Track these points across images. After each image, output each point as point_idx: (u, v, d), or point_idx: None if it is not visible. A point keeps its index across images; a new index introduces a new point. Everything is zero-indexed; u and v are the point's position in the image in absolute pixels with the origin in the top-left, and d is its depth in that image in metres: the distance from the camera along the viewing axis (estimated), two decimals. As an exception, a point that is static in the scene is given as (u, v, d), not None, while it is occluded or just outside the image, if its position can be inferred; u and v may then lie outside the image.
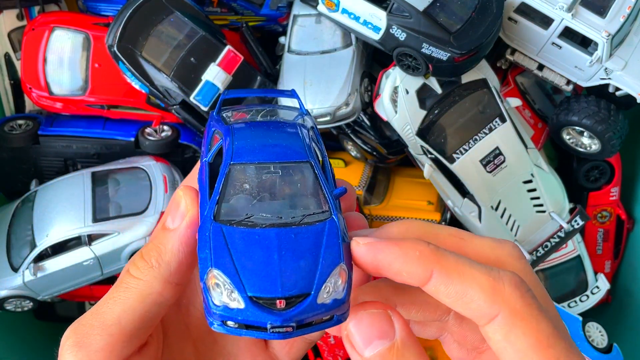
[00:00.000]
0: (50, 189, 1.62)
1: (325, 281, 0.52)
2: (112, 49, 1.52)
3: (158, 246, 0.58)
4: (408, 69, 1.50)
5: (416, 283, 0.51)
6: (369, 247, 0.53)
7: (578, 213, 1.64)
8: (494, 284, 0.49)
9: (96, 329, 0.56)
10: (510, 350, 0.49)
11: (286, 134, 0.61)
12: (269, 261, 0.52)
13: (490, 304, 0.49)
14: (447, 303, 0.51)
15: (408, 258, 0.51)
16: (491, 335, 0.50)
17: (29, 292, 1.58)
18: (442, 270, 0.50)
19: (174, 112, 1.61)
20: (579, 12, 1.45)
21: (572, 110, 1.60)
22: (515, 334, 0.48)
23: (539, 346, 0.48)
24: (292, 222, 0.55)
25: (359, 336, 0.49)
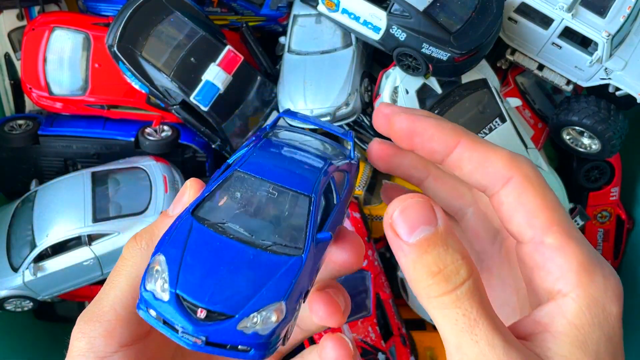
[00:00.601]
0: (50, 189, 1.62)
1: (255, 312, 0.49)
2: (112, 49, 1.52)
3: (152, 229, 0.59)
4: (408, 69, 1.50)
5: (444, 149, 0.59)
6: (409, 116, 0.61)
7: (578, 213, 1.64)
8: (511, 155, 0.57)
9: (95, 316, 0.58)
10: (521, 210, 0.55)
11: (308, 165, 0.59)
12: (214, 270, 0.51)
13: (507, 168, 0.56)
14: (468, 170, 0.59)
15: (441, 127, 0.59)
16: (504, 199, 0.57)
17: (29, 292, 1.58)
18: (469, 139, 0.59)
19: (174, 112, 1.61)
20: (579, 12, 1.45)
21: (572, 110, 1.60)
22: (527, 195, 0.55)
23: (546, 208, 0.55)
24: (259, 244, 0.53)
25: (405, 223, 0.51)
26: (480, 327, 0.49)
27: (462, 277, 0.50)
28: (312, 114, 1.59)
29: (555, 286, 0.54)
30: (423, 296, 0.51)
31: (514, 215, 0.56)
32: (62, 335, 0.61)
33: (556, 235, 0.54)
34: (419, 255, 0.51)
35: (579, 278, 0.53)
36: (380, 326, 1.63)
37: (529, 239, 0.56)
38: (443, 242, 0.51)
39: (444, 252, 0.50)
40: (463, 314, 0.49)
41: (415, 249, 0.51)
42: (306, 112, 1.59)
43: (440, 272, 0.50)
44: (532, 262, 0.56)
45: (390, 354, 1.62)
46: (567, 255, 0.54)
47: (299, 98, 1.60)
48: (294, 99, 1.60)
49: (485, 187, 0.59)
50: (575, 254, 0.54)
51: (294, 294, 0.51)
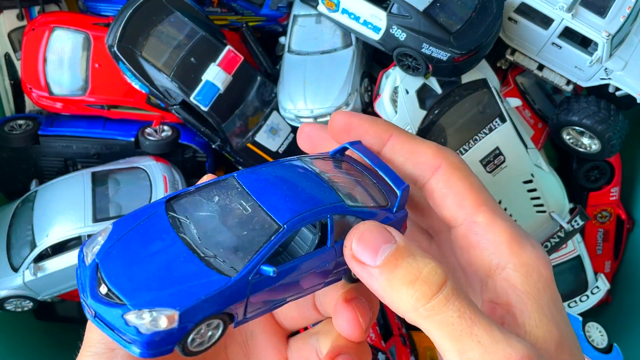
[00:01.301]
0: (50, 189, 1.62)
1: (147, 309, 0.48)
2: (112, 49, 1.52)
3: None
4: (408, 69, 1.50)
5: (378, 142, 0.63)
6: (346, 113, 0.65)
7: (578, 213, 1.64)
8: (437, 146, 0.62)
9: None
10: (450, 194, 0.60)
11: (312, 197, 0.57)
12: (140, 256, 0.52)
13: (435, 157, 0.61)
14: (400, 162, 0.63)
15: (375, 122, 0.64)
16: (435, 185, 0.61)
17: (29, 292, 1.58)
18: (400, 133, 0.64)
19: (174, 112, 1.61)
20: (579, 12, 1.45)
21: (572, 110, 1.60)
22: (454, 180, 0.60)
23: (473, 190, 0.60)
24: (198, 251, 0.53)
25: (366, 249, 0.53)
26: (478, 326, 0.48)
27: (441, 276, 0.50)
28: (312, 114, 1.59)
29: (492, 261, 0.57)
30: (410, 310, 0.50)
31: (445, 199, 0.60)
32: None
33: (485, 214, 0.58)
34: (390, 272, 0.51)
35: (511, 249, 0.56)
36: (380, 326, 1.63)
37: (461, 221, 0.59)
38: (409, 252, 0.52)
39: (413, 260, 0.51)
40: (459, 316, 0.48)
41: (385, 268, 0.51)
42: (306, 112, 1.59)
43: (418, 278, 0.50)
44: (466, 242, 0.59)
45: (390, 354, 1.62)
46: (498, 230, 0.57)
47: (299, 98, 1.60)
48: (294, 99, 1.60)
49: (417, 178, 0.62)
50: (504, 229, 0.57)
51: (197, 310, 0.49)
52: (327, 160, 0.65)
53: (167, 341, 0.49)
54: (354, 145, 0.63)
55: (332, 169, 0.64)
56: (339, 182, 0.62)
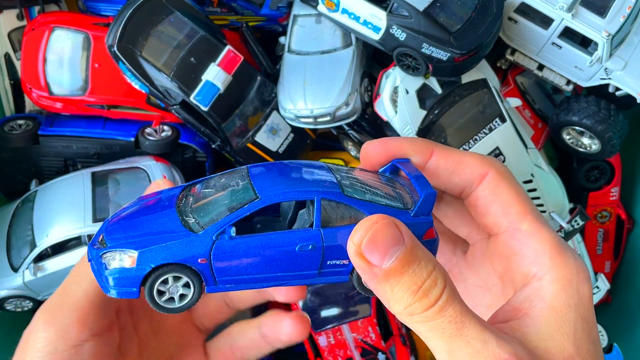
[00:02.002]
0: (50, 189, 1.62)
1: (119, 249, 0.56)
2: (112, 49, 1.52)
3: None
4: (408, 69, 1.50)
5: (420, 162, 0.63)
6: (382, 140, 0.65)
7: (578, 213, 1.64)
8: (482, 155, 0.63)
9: (66, 305, 0.60)
10: (497, 202, 0.60)
11: (303, 181, 0.60)
12: (142, 217, 0.59)
13: (481, 166, 0.61)
14: (444, 176, 0.63)
15: (414, 141, 0.64)
16: (481, 193, 0.61)
17: (29, 292, 1.58)
18: (441, 149, 0.63)
19: (174, 112, 1.61)
20: (579, 12, 1.45)
21: (572, 110, 1.60)
22: (501, 188, 0.60)
23: (520, 199, 0.60)
24: (184, 216, 0.59)
25: (376, 249, 0.52)
26: (468, 327, 0.49)
27: (440, 288, 0.51)
28: (312, 113, 1.59)
29: (530, 270, 0.57)
30: (404, 315, 0.52)
31: (491, 207, 0.61)
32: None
33: (530, 223, 0.58)
34: (396, 279, 0.51)
35: (553, 260, 0.56)
36: (380, 326, 1.63)
37: (505, 228, 0.59)
38: (415, 257, 0.51)
39: (418, 267, 0.51)
40: (449, 321, 0.50)
41: (391, 273, 0.51)
42: (306, 112, 1.59)
43: (419, 288, 0.50)
44: (508, 250, 0.59)
45: (390, 354, 1.62)
46: (541, 239, 0.57)
47: (299, 98, 1.60)
48: (294, 99, 1.60)
49: (462, 189, 0.63)
50: (548, 239, 0.57)
51: (155, 254, 0.55)
52: (361, 171, 0.66)
53: (129, 281, 0.56)
54: (400, 163, 0.64)
55: (358, 172, 0.65)
56: (356, 182, 0.62)
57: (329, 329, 1.62)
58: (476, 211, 0.62)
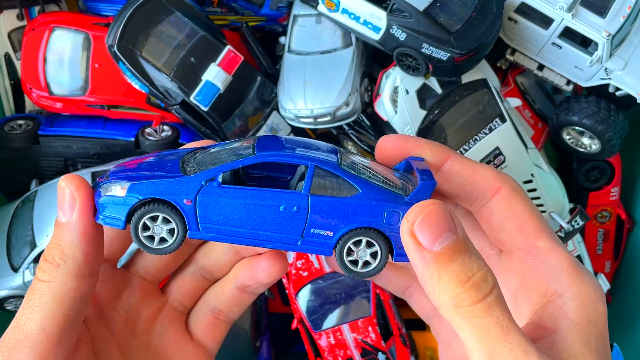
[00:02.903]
0: (51, 189, 1.62)
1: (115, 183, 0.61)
2: (112, 49, 1.52)
3: (58, 243, 0.58)
4: (408, 69, 1.50)
5: (436, 161, 0.62)
6: (398, 136, 0.65)
7: (578, 213, 1.64)
8: (495, 169, 0.62)
9: (22, 342, 0.55)
10: (512, 217, 0.59)
11: (304, 151, 0.62)
12: (147, 166, 0.63)
13: (496, 179, 0.60)
14: (458, 183, 0.62)
15: (432, 143, 0.64)
16: (494, 207, 0.61)
17: (29, 292, 1.58)
18: (457, 155, 0.63)
19: (174, 112, 1.61)
20: (579, 12, 1.45)
21: (572, 110, 1.60)
22: (516, 203, 0.60)
23: (534, 215, 0.59)
24: (185, 164, 0.63)
25: (428, 230, 0.51)
26: (513, 335, 0.48)
27: (490, 284, 0.50)
28: (312, 113, 1.59)
29: (549, 287, 0.56)
30: (449, 305, 0.50)
31: (505, 222, 0.60)
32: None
33: (546, 240, 0.58)
34: (444, 264, 0.50)
35: (571, 278, 0.55)
36: (380, 326, 1.63)
37: (520, 245, 0.58)
38: (466, 249, 0.50)
39: (469, 259, 0.50)
40: (495, 322, 0.48)
41: (440, 257, 0.50)
42: (306, 112, 1.59)
43: (469, 279, 0.49)
44: (524, 267, 0.58)
45: (390, 354, 1.62)
46: (559, 257, 0.57)
47: (299, 98, 1.60)
48: (294, 99, 1.60)
49: (474, 199, 0.62)
50: (565, 256, 0.57)
51: (144, 188, 0.59)
52: (373, 162, 0.66)
53: (117, 209, 0.59)
54: (414, 160, 0.63)
55: (371, 162, 0.65)
56: (359, 164, 0.62)
57: (329, 329, 1.62)
58: (489, 225, 0.61)
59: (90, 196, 0.59)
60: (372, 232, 0.59)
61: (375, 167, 0.64)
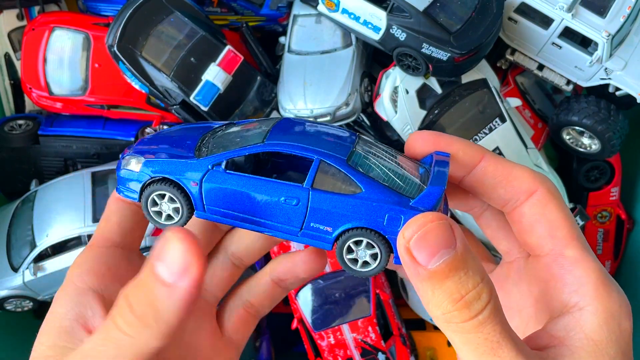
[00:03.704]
0: (50, 189, 1.62)
1: (134, 156, 0.65)
2: (112, 49, 1.52)
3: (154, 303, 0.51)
4: (408, 69, 1.50)
5: (469, 162, 0.60)
6: (433, 132, 0.62)
7: (578, 213, 1.64)
8: (533, 171, 0.60)
9: None
10: (544, 222, 0.57)
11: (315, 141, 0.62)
12: (172, 135, 0.67)
13: (532, 181, 0.58)
14: (490, 184, 0.60)
15: (466, 142, 0.61)
16: (527, 210, 0.59)
17: (29, 292, 1.58)
18: (492, 155, 0.60)
19: (174, 112, 1.61)
20: (579, 12, 1.45)
21: (572, 110, 1.60)
22: (550, 208, 0.57)
23: (568, 222, 0.57)
24: (200, 146, 0.65)
25: (424, 248, 0.49)
26: (503, 349, 0.48)
27: (483, 302, 0.49)
28: (312, 113, 1.59)
29: (571, 298, 0.54)
30: (441, 320, 0.50)
31: (536, 226, 0.58)
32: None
33: (575, 249, 0.56)
34: (439, 282, 0.49)
35: (597, 291, 0.54)
36: (380, 326, 1.63)
37: (548, 251, 0.57)
38: (463, 265, 0.49)
39: (465, 275, 0.49)
40: (485, 338, 0.48)
41: (435, 275, 0.49)
42: (306, 112, 1.59)
43: (462, 298, 0.49)
44: (548, 274, 0.56)
45: (390, 354, 1.62)
46: (586, 268, 0.55)
47: (299, 98, 1.60)
48: (294, 99, 1.60)
49: (507, 201, 0.60)
50: (594, 268, 0.55)
51: (156, 166, 0.62)
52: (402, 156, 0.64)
53: (132, 183, 0.63)
54: (440, 155, 0.61)
55: (399, 156, 0.64)
56: (376, 157, 0.61)
57: (329, 329, 1.62)
58: (519, 228, 0.60)
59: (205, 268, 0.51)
60: (373, 233, 0.58)
61: (398, 160, 0.62)
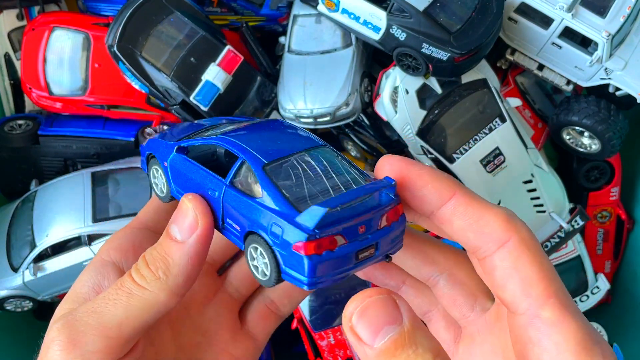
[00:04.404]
0: (50, 189, 1.62)
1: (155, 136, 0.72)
2: (112, 49, 1.52)
3: (165, 257, 0.57)
4: (408, 69, 1.50)
5: (436, 200, 0.54)
6: (404, 159, 0.56)
7: (578, 213, 1.64)
8: (507, 215, 0.53)
9: (94, 329, 0.56)
10: (516, 278, 0.51)
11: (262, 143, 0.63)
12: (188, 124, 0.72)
13: (504, 230, 0.52)
14: (460, 226, 0.54)
15: (437, 175, 0.55)
16: (499, 263, 0.52)
17: (28, 292, 1.59)
18: (465, 193, 0.54)
19: (174, 112, 1.61)
20: (579, 12, 1.45)
21: (572, 110, 1.60)
22: (523, 261, 0.51)
23: (544, 277, 0.50)
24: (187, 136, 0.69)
25: (366, 326, 0.47)
26: None
27: None
28: (312, 113, 1.59)
29: None
30: None
31: (509, 282, 0.51)
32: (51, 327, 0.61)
33: (553, 310, 0.50)
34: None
35: (577, 358, 0.49)
36: (380, 326, 1.63)
37: (523, 310, 0.51)
38: (411, 342, 0.46)
39: (414, 354, 0.46)
40: None
41: (382, 354, 0.46)
42: (306, 111, 1.59)
43: None
44: (525, 336, 0.51)
45: (390, 354, 1.62)
46: (565, 332, 0.49)
47: (299, 98, 1.60)
48: (294, 99, 1.60)
49: (478, 248, 0.54)
50: (574, 331, 0.49)
51: (151, 146, 0.68)
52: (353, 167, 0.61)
53: (143, 156, 0.70)
54: (387, 180, 0.55)
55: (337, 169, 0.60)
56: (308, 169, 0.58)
57: (329, 329, 1.62)
58: (491, 282, 0.54)
59: (212, 225, 0.58)
60: (263, 242, 0.55)
61: (348, 180, 0.58)
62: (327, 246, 0.52)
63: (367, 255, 0.54)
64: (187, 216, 0.58)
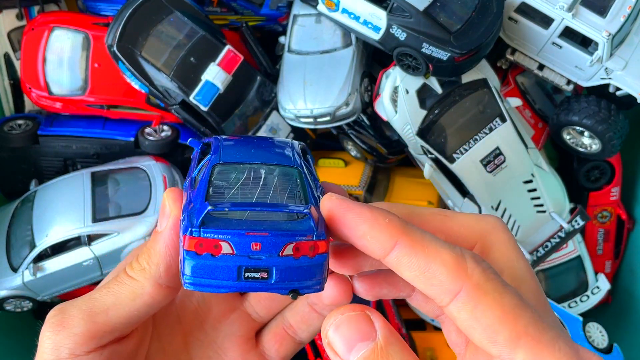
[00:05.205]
0: (50, 189, 1.62)
1: None
2: (111, 48, 1.52)
3: (149, 249, 0.60)
4: (408, 68, 1.50)
5: (378, 251, 0.50)
6: (342, 203, 0.51)
7: (578, 213, 1.64)
8: (456, 259, 0.48)
9: (82, 313, 0.59)
10: (478, 328, 0.47)
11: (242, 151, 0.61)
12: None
13: (453, 280, 0.47)
14: (408, 278, 0.49)
15: (376, 223, 0.49)
16: (456, 314, 0.48)
17: (28, 292, 1.58)
18: (407, 241, 0.49)
19: (174, 112, 1.61)
20: (580, 12, 1.45)
21: (573, 110, 1.60)
22: (481, 309, 0.47)
23: (506, 318, 0.47)
24: None
25: (340, 341, 0.48)
26: None
27: None
28: (312, 113, 1.59)
29: None
30: None
31: (472, 333, 0.48)
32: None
33: (526, 350, 0.46)
34: None
35: None
36: (380, 326, 1.63)
37: (496, 356, 0.48)
38: (385, 357, 0.46)
39: None
40: None
41: None
42: (306, 111, 1.59)
43: None
44: None
45: (390, 354, 1.62)
46: None
47: (299, 98, 1.60)
48: (294, 99, 1.60)
49: (433, 298, 0.50)
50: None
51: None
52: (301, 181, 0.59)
53: None
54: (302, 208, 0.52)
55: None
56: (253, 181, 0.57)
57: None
58: (457, 332, 0.52)
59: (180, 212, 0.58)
60: None
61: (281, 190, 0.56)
62: (210, 249, 0.49)
63: (257, 278, 0.50)
64: (164, 207, 0.59)
